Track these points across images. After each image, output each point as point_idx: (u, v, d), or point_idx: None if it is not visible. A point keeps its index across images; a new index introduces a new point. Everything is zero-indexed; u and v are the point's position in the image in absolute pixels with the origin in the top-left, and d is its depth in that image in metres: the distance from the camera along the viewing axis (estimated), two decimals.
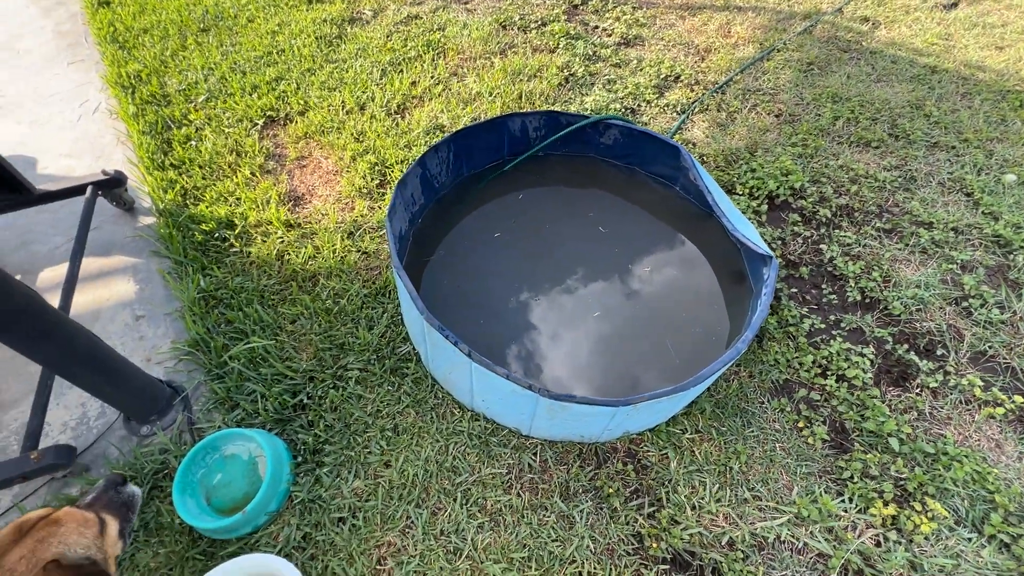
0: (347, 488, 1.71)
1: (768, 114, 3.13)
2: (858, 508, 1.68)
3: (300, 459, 1.77)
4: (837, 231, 2.46)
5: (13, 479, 1.56)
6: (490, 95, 3.19)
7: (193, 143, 2.90)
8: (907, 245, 2.40)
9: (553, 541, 1.62)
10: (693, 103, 3.19)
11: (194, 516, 1.55)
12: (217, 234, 2.44)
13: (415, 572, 1.55)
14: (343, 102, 3.15)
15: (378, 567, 1.57)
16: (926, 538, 1.61)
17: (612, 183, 2.59)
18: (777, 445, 1.82)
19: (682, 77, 3.39)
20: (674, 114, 3.13)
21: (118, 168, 2.47)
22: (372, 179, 2.69)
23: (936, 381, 1.94)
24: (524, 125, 2.52)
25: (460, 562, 1.57)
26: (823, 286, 2.27)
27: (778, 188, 2.60)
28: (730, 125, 3.06)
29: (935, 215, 2.51)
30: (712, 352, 1.97)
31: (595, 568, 1.57)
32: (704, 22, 3.97)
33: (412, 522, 1.64)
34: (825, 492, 1.71)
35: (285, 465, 1.71)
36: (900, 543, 1.61)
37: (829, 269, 2.32)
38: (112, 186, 2.43)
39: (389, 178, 2.71)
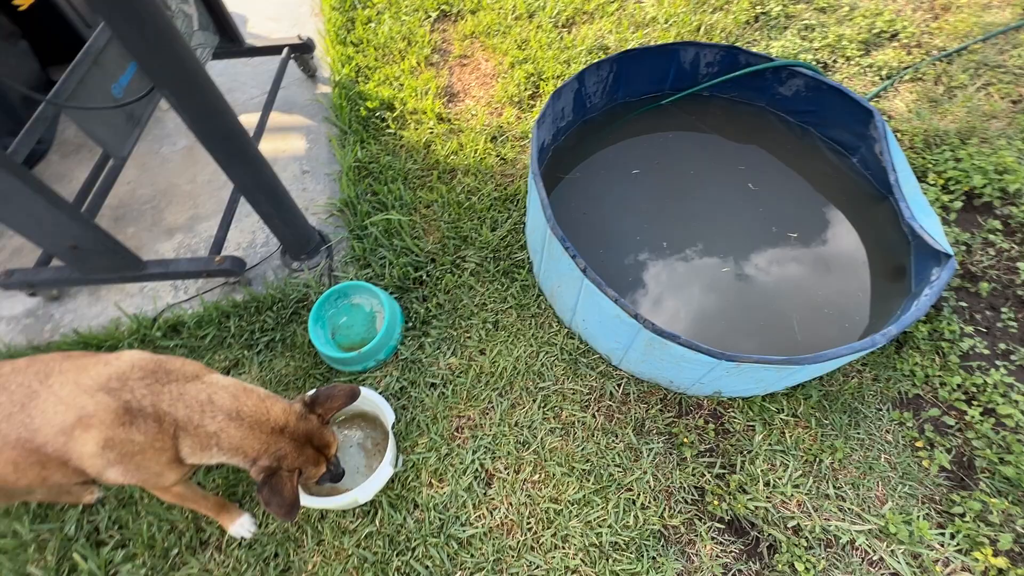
0: (444, 361, 1.89)
1: (1002, 97, 2.56)
2: (959, 547, 1.51)
3: (411, 325, 1.97)
4: None
5: (200, 273, 1.94)
6: (666, 22, 2.96)
7: (372, 25, 3.08)
8: None
9: (616, 466, 1.68)
10: (905, 68, 2.70)
11: (321, 343, 1.83)
12: (378, 113, 2.64)
13: (485, 448, 1.72)
14: (514, 7, 3.12)
15: (456, 433, 1.76)
16: None
17: (777, 140, 2.34)
18: (883, 456, 1.67)
19: (900, 35, 2.85)
20: (876, 78, 2.68)
21: (309, 36, 2.73)
22: (525, 89, 2.69)
23: None
24: (697, 57, 2.32)
25: (526, 454, 1.70)
26: (1002, 309, 1.92)
27: (984, 187, 2.18)
28: (946, 102, 2.56)
29: None
30: (839, 341, 1.80)
31: (649, 502, 1.62)
32: None
33: (492, 406, 1.79)
34: (924, 519, 1.56)
35: (398, 325, 1.92)
36: None
37: (1019, 292, 1.95)
38: (303, 51, 2.70)
39: (542, 91, 2.69)
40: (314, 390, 1.34)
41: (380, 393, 1.80)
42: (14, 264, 2.26)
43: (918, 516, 1.56)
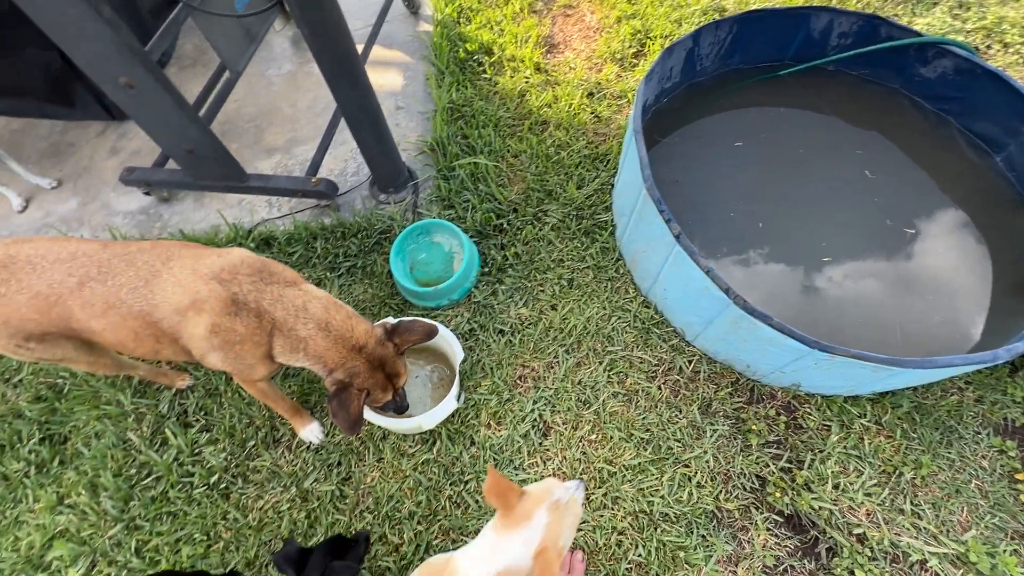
0: (515, 311, 1.90)
1: None
2: None
3: (486, 270, 1.99)
4: None
5: (296, 192, 2.03)
6: None
7: None
8: None
9: (676, 440, 1.65)
10: None
11: (400, 275, 1.88)
12: (476, 57, 2.60)
13: (546, 400, 1.73)
14: None
15: (519, 382, 1.77)
16: None
17: (906, 127, 2.11)
18: (974, 481, 1.54)
19: None
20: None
21: None
22: (630, 46, 2.56)
23: None
24: (830, 25, 2.11)
25: (586, 412, 1.70)
26: None
27: None
28: None
29: None
30: (945, 352, 1.65)
31: (706, 481, 1.58)
32: None
33: (557, 361, 1.79)
34: (1012, 554, 1.43)
35: (475, 268, 1.94)
36: None
37: None
38: None
39: (648, 50, 2.55)
40: (396, 319, 1.38)
41: (451, 331, 1.84)
42: (132, 164, 2.45)
43: (1004, 550, 1.44)
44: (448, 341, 1.71)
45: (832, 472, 1.57)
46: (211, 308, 1.18)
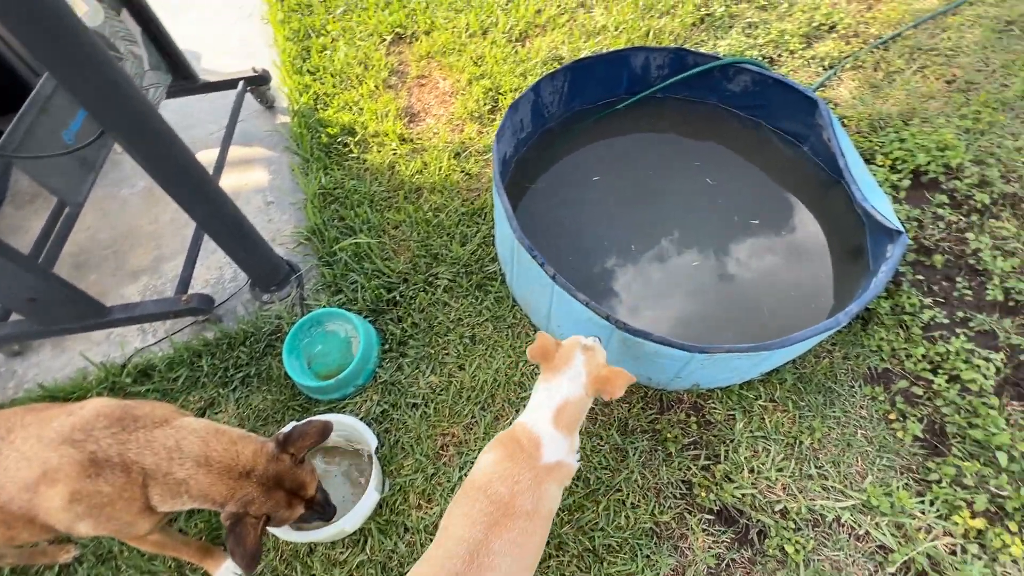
0: (424, 380, 1.89)
1: (937, 79, 2.69)
2: (939, 513, 1.55)
3: (387, 347, 1.96)
4: (993, 221, 2.13)
5: (168, 314, 1.91)
6: (616, 29, 3.04)
7: (328, 52, 3.09)
8: None
9: (603, 468, 1.69)
10: (846, 58, 2.82)
11: (297, 374, 1.81)
12: (340, 139, 2.64)
13: (472, 463, 1.70)
14: (467, 24, 3.17)
15: (441, 452, 1.74)
16: (1014, 561, 1.47)
17: (731, 135, 2.41)
18: (859, 432, 1.71)
19: (838, 27, 2.98)
20: (820, 69, 2.79)
21: (265, 68, 2.73)
22: (485, 104, 2.73)
23: None
24: (647, 61, 2.39)
25: None
26: (958, 279, 2.00)
27: (928, 164, 2.28)
28: (886, 87, 2.68)
29: None
30: (809, 324, 1.85)
31: (639, 501, 1.63)
32: None
33: (476, 421, 1.79)
34: (904, 489, 1.60)
35: (374, 348, 1.91)
36: (980, 558, 1.48)
37: (971, 262, 2.04)
38: (259, 83, 2.70)
39: (501, 104, 2.73)
40: (288, 426, 1.32)
41: (361, 419, 1.78)
42: None
43: (898, 487, 1.60)
44: (359, 431, 1.66)
45: (745, 458, 1.68)
46: (66, 476, 1.06)
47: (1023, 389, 1.75)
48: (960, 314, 1.92)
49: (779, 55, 2.89)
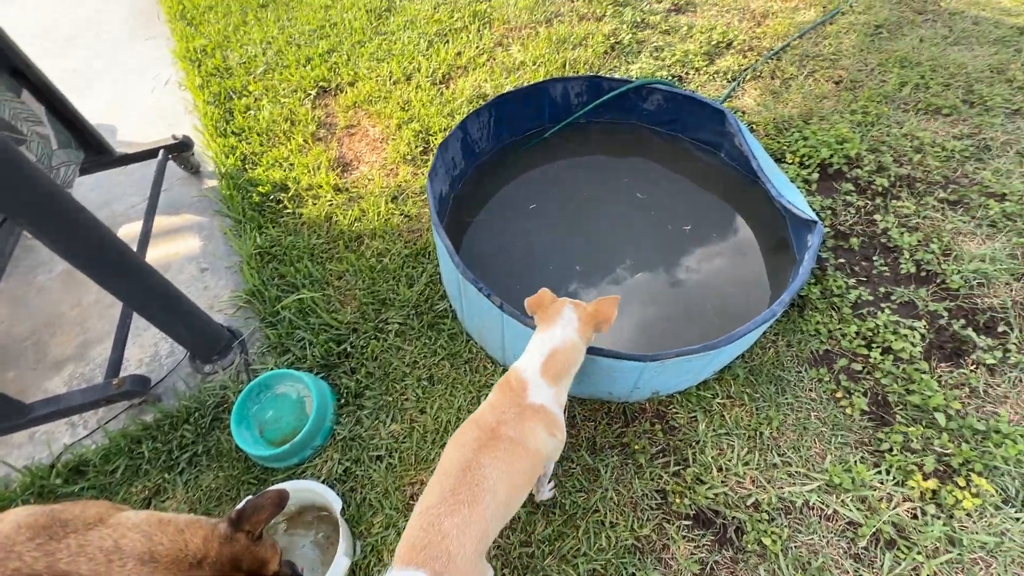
0: (385, 430, 1.83)
1: (827, 81, 2.97)
2: (895, 480, 1.63)
3: (343, 401, 1.90)
4: (895, 202, 2.33)
5: (98, 402, 1.77)
6: (534, 64, 3.19)
7: (252, 112, 3.07)
8: (973, 217, 2.25)
9: (577, 491, 1.67)
10: (745, 70, 3.06)
11: (249, 445, 1.71)
12: (272, 196, 2.60)
13: None
14: (390, 73, 3.24)
15: (411, 502, 1.68)
16: (968, 514, 1.55)
17: (654, 150, 2.55)
18: (812, 414, 1.79)
19: (735, 43, 3.25)
20: (724, 81, 3.02)
21: (186, 134, 2.67)
22: (416, 146, 2.77)
23: (994, 358, 1.83)
24: (566, 91, 2.51)
25: None
26: (874, 258, 2.16)
27: (831, 157, 2.48)
28: (784, 92, 2.92)
29: (1010, 186, 2.32)
30: (751, 318, 1.93)
31: (617, 519, 1.62)
32: None
33: None
34: (860, 462, 1.67)
35: (329, 405, 1.84)
36: (939, 517, 1.55)
37: (883, 240, 2.21)
38: (181, 150, 2.63)
39: (432, 145, 2.78)
40: (242, 503, 1.24)
41: (323, 481, 1.70)
42: None
43: (855, 461, 1.67)
44: (322, 494, 1.58)
45: (712, 457, 1.71)
46: None
47: (947, 351, 1.89)
48: (882, 290, 2.06)
49: (686, 73, 3.10)
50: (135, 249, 2.11)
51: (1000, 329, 1.92)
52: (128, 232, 2.57)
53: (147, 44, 3.86)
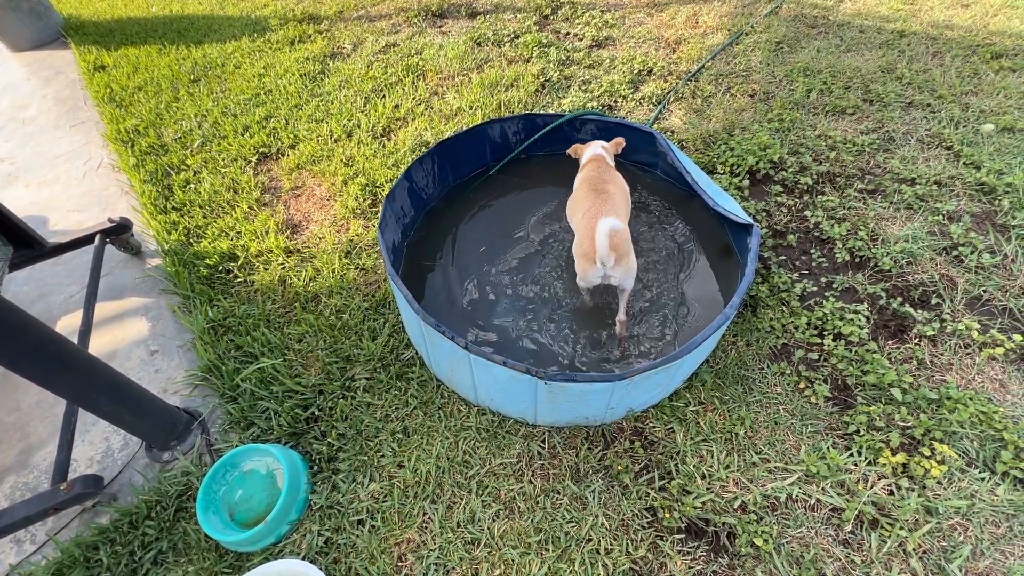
0: (364, 492, 1.76)
1: (742, 95, 3.20)
2: (867, 460, 1.69)
3: (316, 468, 1.82)
4: (820, 197, 2.50)
5: (46, 511, 1.63)
6: (470, 109, 3.30)
7: (192, 186, 3.03)
8: (891, 203, 2.43)
9: (568, 522, 1.65)
10: (668, 93, 3.27)
11: (219, 531, 1.61)
12: (221, 267, 2.54)
13: (435, 565, 1.59)
14: (331, 132, 3.28)
15: (399, 564, 1.61)
16: (938, 482, 1.62)
17: None
18: (780, 408, 1.84)
19: (655, 70, 3.48)
20: (651, 106, 3.21)
21: (123, 216, 2.59)
22: (364, 200, 2.79)
23: (933, 329, 1.96)
24: (503, 130, 2.61)
25: (478, 551, 1.60)
26: (811, 251, 2.30)
27: (758, 163, 2.66)
28: (706, 109, 3.13)
29: (917, 171, 2.54)
30: (710, 319, 2.00)
31: (611, 544, 1.60)
32: (672, 16, 4.08)
33: (429, 517, 1.68)
34: (832, 448, 1.72)
35: (302, 475, 1.76)
36: (913, 489, 1.61)
37: (816, 234, 2.36)
38: (119, 233, 2.55)
39: (380, 197, 2.80)
40: None
41: (303, 557, 1.61)
42: None
43: (827, 448, 1.72)
44: (302, 573, 1.49)
45: (694, 466, 1.73)
46: None
47: (891, 329, 2.01)
48: (823, 279, 2.18)
49: (615, 102, 3.28)
50: (76, 341, 2.01)
51: (933, 301, 2.06)
52: (68, 324, 2.44)
53: (74, 130, 3.77)
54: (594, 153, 2.24)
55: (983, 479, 1.61)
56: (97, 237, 2.46)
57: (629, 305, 1.99)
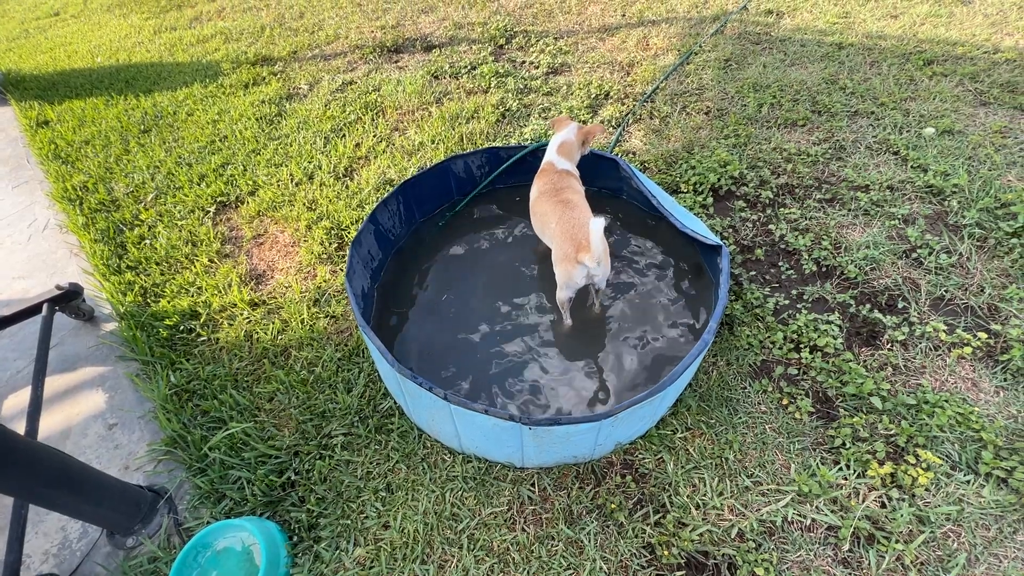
0: (348, 559, 1.66)
1: (698, 113, 3.29)
2: (856, 473, 1.69)
3: (296, 538, 1.72)
4: (782, 209, 2.56)
5: None
6: (432, 143, 3.29)
7: (147, 242, 2.90)
8: (849, 210, 2.51)
9: (565, 570, 1.59)
10: (626, 115, 3.33)
11: None
12: (182, 326, 2.42)
13: None
14: (291, 175, 3.21)
15: None
16: (927, 489, 1.62)
17: None
18: (767, 427, 1.84)
19: (611, 93, 3.54)
20: (610, 129, 3.26)
21: (73, 280, 2.45)
22: (330, 243, 2.72)
23: (903, 333, 2.00)
24: (467, 165, 2.60)
25: None
26: (780, 263, 2.34)
27: (719, 180, 2.71)
28: (665, 129, 3.19)
29: (869, 177, 2.63)
30: (687, 349, 2.00)
31: None
32: (623, 40, 4.18)
33: None
34: (821, 464, 1.72)
35: (281, 548, 1.65)
36: (904, 499, 1.61)
37: (782, 246, 2.40)
38: (68, 299, 2.41)
39: (347, 240, 2.74)
40: None
41: None
42: None
43: (816, 464, 1.72)
44: None
45: (688, 496, 1.70)
46: None
47: (864, 336, 2.04)
48: (794, 292, 2.22)
49: None
50: (24, 422, 1.87)
51: (900, 305, 2.11)
52: (15, 404, 2.27)
53: (17, 191, 3.60)
54: (563, 139, 2.26)
55: (968, 482, 1.63)
56: (45, 306, 2.31)
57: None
